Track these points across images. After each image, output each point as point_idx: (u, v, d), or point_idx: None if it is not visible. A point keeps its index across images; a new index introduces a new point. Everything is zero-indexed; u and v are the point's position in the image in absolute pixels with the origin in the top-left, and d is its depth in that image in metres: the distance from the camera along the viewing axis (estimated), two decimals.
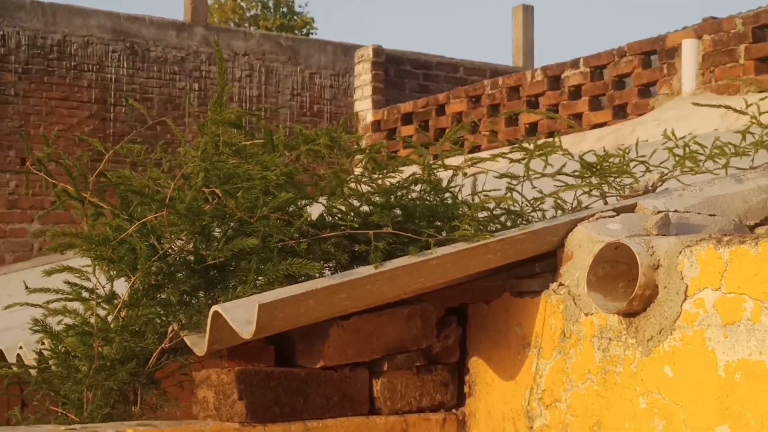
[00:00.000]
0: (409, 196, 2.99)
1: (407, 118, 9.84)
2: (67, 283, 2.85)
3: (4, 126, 13.58)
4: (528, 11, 15.51)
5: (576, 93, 8.39)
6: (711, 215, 2.84)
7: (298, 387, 2.70)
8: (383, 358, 2.83)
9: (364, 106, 10.36)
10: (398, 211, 2.94)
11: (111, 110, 14.25)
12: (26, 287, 6.84)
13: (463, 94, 9.32)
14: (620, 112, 8.10)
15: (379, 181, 2.96)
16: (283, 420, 2.66)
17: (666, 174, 3.15)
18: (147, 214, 2.76)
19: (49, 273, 2.82)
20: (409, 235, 2.74)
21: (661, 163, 3.29)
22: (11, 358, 3.56)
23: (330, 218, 2.86)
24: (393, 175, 2.99)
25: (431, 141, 2.94)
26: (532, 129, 8.66)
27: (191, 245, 2.81)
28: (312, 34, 22.83)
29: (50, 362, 2.79)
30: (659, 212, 2.78)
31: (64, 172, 2.81)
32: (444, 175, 3.19)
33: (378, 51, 10.27)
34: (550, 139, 3.12)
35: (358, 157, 2.99)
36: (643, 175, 3.29)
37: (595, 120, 8.20)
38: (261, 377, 2.65)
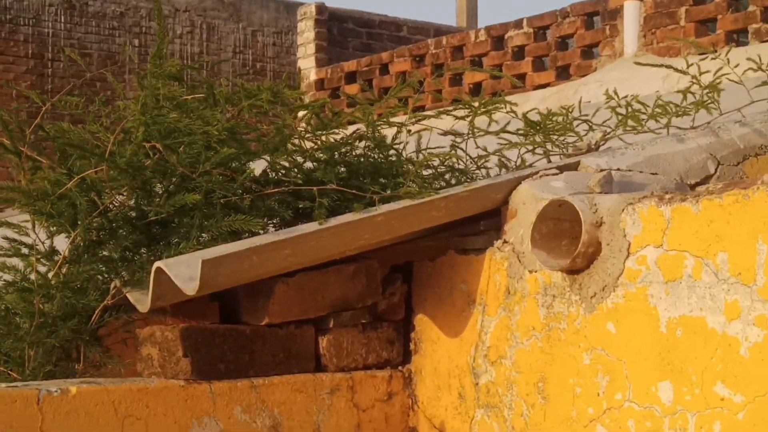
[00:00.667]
0: (354, 153, 2.97)
1: (351, 77, 9.79)
2: (6, 238, 2.80)
3: None
4: None
5: (519, 53, 8.40)
6: (653, 174, 2.87)
7: (243, 344, 2.69)
8: (329, 315, 2.82)
9: (307, 64, 10.27)
10: (342, 168, 2.93)
11: (49, 65, 13.98)
12: None
13: (407, 53, 9.28)
14: (563, 73, 8.12)
15: (323, 138, 2.93)
16: (229, 377, 2.65)
17: (609, 133, 3.17)
18: (87, 168, 2.71)
19: None
20: (354, 192, 2.74)
21: (604, 122, 3.31)
22: None
23: (274, 174, 2.84)
24: (337, 132, 2.97)
25: (375, 99, 2.92)
26: (476, 89, 8.67)
27: (132, 201, 2.77)
28: None
29: None
30: (602, 170, 2.79)
31: (0, 125, 2.75)
32: (389, 132, 3.18)
33: (321, 8, 10.18)
34: (505, 101, 3.13)
35: (302, 113, 2.97)
36: (586, 134, 3.30)
37: (539, 81, 8.22)
38: (206, 334, 2.63)
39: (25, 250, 2.82)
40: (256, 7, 15.52)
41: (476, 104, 3.13)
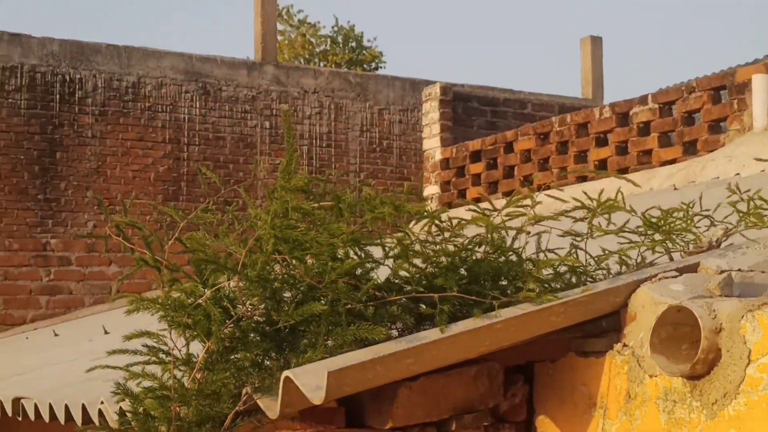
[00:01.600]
0: (474, 257, 3.05)
1: (476, 156, 9.90)
2: (145, 346, 2.96)
3: (82, 167, 13.94)
4: (596, 42, 15.50)
5: (645, 129, 8.37)
6: None
7: None
8: (451, 417, 2.88)
9: (432, 144, 10.44)
10: (463, 272, 3.00)
11: (185, 150, 14.55)
12: (105, 332, 7.00)
13: (531, 131, 9.35)
14: (690, 149, 8.05)
15: (444, 243, 3.02)
16: None
17: (730, 229, 3.17)
18: (220, 279, 2.86)
19: (128, 338, 2.93)
20: (474, 297, 2.80)
21: (726, 217, 3.30)
22: (93, 413, 3.68)
23: (396, 281, 2.93)
24: (457, 235, 3.05)
25: (494, 208, 3.00)
26: (602, 164, 8.65)
27: (263, 309, 2.90)
28: (381, 68, 23.04)
29: (131, 423, 2.89)
30: (722, 272, 2.80)
31: (142, 240, 2.93)
32: (509, 230, 3.23)
33: (445, 89, 10.36)
34: (620, 179, 3.13)
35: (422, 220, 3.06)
36: (707, 229, 3.30)
37: (665, 157, 8.16)
38: None
39: (163, 356, 2.97)
40: (382, 86, 15.86)
41: (595, 204, 3.17)
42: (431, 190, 10.17)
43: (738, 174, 7.12)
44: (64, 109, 13.90)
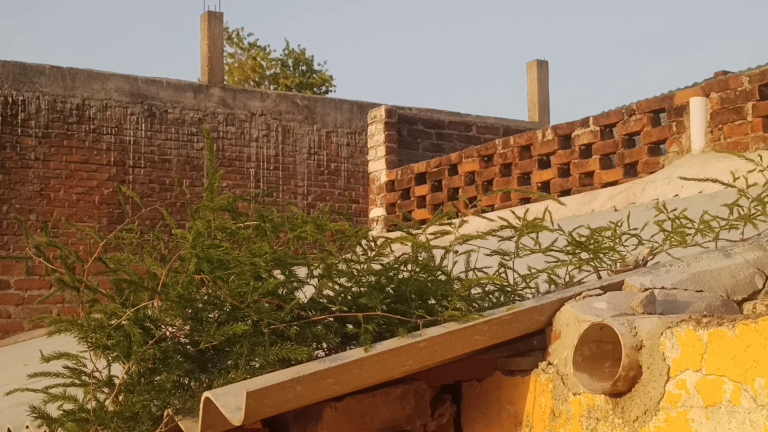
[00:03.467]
0: (401, 276, 3.03)
1: (421, 178, 9.92)
2: (66, 368, 2.91)
3: (25, 190, 13.77)
4: (542, 66, 15.66)
5: (587, 151, 8.45)
6: (698, 291, 2.87)
7: None
8: None
9: (378, 166, 10.45)
10: (390, 291, 2.98)
11: (130, 172, 14.43)
12: (42, 356, 6.88)
13: (476, 153, 9.39)
14: (631, 170, 8.13)
15: (370, 262, 3.00)
16: None
17: (656, 248, 3.19)
18: (141, 300, 2.82)
19: (47, 359, 2.87)
20: (398, 317, 2.79)
21: (653, 236, 3.32)
22: None
23: (321, 300, 2.91)
24: (383, 254, 3.04)
25: (418, 228, 2.99)
26: (545, 186, 8.70)
27: (186, 329, 2.86)
28: (331, 91, 23.08)
29: None
30: (646, 289, 2.81)
31: (60, 260, 2.88)
32: (438, 249, 3.23)
33: (390, 111, 10.38)
34: (563, 198, 3.15)
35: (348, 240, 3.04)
36: (635, 248, 3.32)
37: (607, 178, 8.24)
38: None
39: (85, 378, 2.91)
40: (329, 109, 15.87)
41: (520, 224, 3.17)
42: (377, 212, 10.16)
43: (676, 195, 7.19)
44: (6, 131, 13.73)
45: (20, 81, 13.96)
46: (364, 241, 3.11)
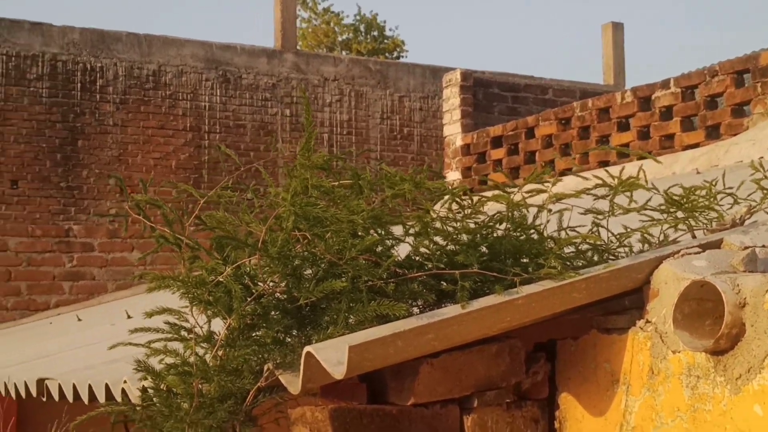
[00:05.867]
0: (495, 234, 3.04)
1: (496, 142, 9.87)
2: (167, 323, 2.97)
3: (104, 155, 14.01)
4: (618, 29, 15.43)
5: (667, 114, 8.32)
6: None
7: (390, 424, 2.77)
8: (473, 394, 2.88)
9: (453, 130, 10.42)
10: (484, 249, 2.99)
11: (205, 137, 14.59)
12: (128, 316, 7.06)
13: (553, 116, 9.31)
14: (713, 133, 8.00)
15: (465, 221, 3.01)
16: None
17: (754, 207, 3.14)
18: (241, 256, 2.87)
19: (149, 315, 2.94)
20: (495, 274, 2.79)
21: (750, 194, 3.28)
22: (116, 392, 3.69)
23: (417, 258, 2.93)
24: (479, 212, 3.04)
25: (514, 184, 2.99)
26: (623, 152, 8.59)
27: (283, 286, 2.90)
28: (402, 56, 23.03)
29: (153, 400, 2.90)
30: (746, 248, 2.78)
31: (162, 217, 2.93)
32: (531, 207, 3.23)
33: (466, 75, 10.33)
34: (642, 161, 3.11)
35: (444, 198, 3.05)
36: (730, 207, 3.28)
37: (688, 141, 8.11)
38: (354, 415, 2.72)
39: (184, 334, 2.98)
40: (402, 74, 15.85)
41: (615, 182, 3.15)
42: (452, 176, 10.14)
43: (762, 158, 7.06)
44: (85, 97, 13.96)
45: (98, 48, 14.16)
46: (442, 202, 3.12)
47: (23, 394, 5.00)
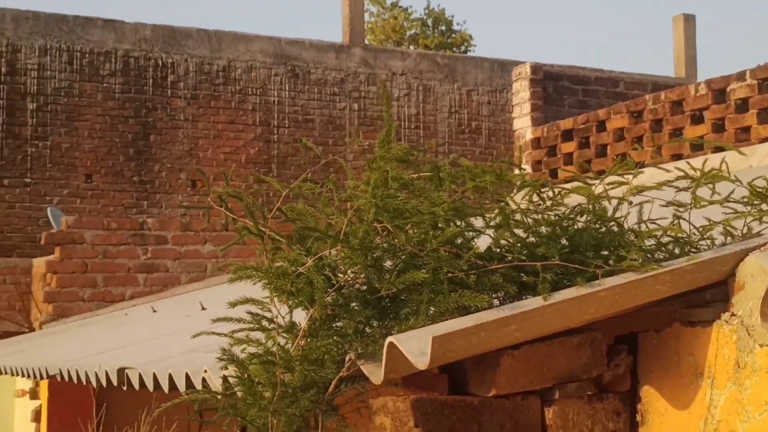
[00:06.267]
0: (575, 226, 3.03)
1: (567, 135, 9.80)
2: (249, 313, 3.01)
3: (175, 150, 14.21)
4: (689, 21, 15.22)
5: (743, 106, 8.18)
6: None
7: (471, 415, 2.78)
8: (554, 386, 2.87)
9: (522, 123, 10.37)
10: (564, 242, 2.98)
11: (275, 132, 14.72)
12: (202, 308, 7.14)
13: (624, 109, 9.22)
14: None
15: (545, 214, 3.01)
16: None
17: None
18: (322, 248, 2.90)
19: (233, 305, 2.98)
20: (576, 266, 2.79)
21: None
22: (197, 381, 3.75)
23: (497, 250, 2.93)
24: (559, 204, 3.04)
25: (595, 175, 2.97)
26: (698, 144, 8.48)
27: (363, 277, 2.93)
28: (470, 51, 22.97)
29: (236, 389, 2.94)
30: None
31: (244, 208, 2.97)
32: (611, 199, 3.20)
33: (536, 68, 10.27)
34: (719, 154, 3.09)
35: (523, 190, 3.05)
36: None
37: (765, 133, 7.97)
38: (435, 405, 2.74)
39: (265, 324, 3.01)
40: (470, 67, 15.81)
41: (697, 173, 3.12)
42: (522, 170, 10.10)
43: None
44: (157, 92, 14.17)
45: (169, 44, 14.35)
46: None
47: (104, 382, 5.10)
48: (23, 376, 7.23)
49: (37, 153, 13.43)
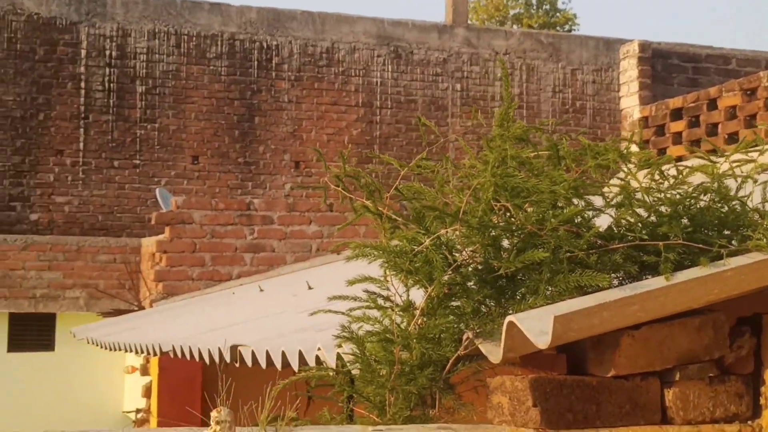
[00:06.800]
0: (697, 206, 2.97)
1: (676, 114, 9.60)
2: (366, 291, 3.03)
3: (280, 131, 14.38)
4: None
5: None
6: None
7: (590, 395, 2.76)
8: (675, 368, 2.83)
9: (630, 102, 10.20)
10: (686, 221, 2.93)
11: (377, 113, 14.78)
12: (309, 287, 7.23)
13: (737, 87, 8.98)
14: None
15: (668, 192, 2.96)
16: (576, 427, 2.72)
17: None
18: (440, 227, 2.90)
19: (351, 282, 3.01)
20: (700, 246, 2.74)
21: None
22: (309, 358, 3.80)
23: (618, 229, 2.89)
24: (682, 183, 2.98)
25: (720, 151, 2.91)
26: None
27: (481, 256, 2.92)
28: (574, 30, 22.67)
29: (354, 366, 2.97)
30: None
31: (361, 187, 2.99)
32: (731, 180, 3.14)
33: (644, 46, 10.09)
34: None
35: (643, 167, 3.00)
36: None
37: None
38: (554, 385, 2.72)
39: (381, 302, 3.03)
40: (574, 46, 15.61)
41: None
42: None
43: None
44: (261, 75, 14.34)
45: (273, 26, 14.50)
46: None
47: (216, 360, 5.20)
48: (136, 352, 7.41)
49: (145, 135, 13.73)
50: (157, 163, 13.80)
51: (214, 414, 2.17)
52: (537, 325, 2.53)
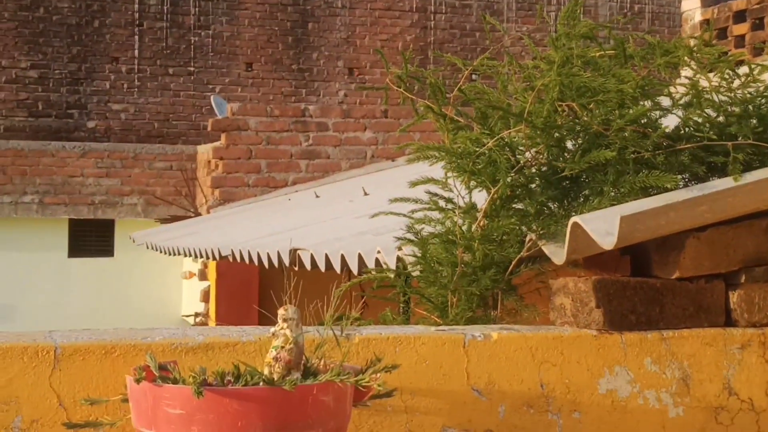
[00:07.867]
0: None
1: (739, 16, 9.35)
2: (428, 192, 3.02)
3: (333, 38, 14.28)
4: None
5: None
6: None
7: (653, 297, 2.74)
8: (740, 270, 2.80)
9: (691, 5, 9.94)
10: (755, 122, 2.87)
11: (431, 18, 14.59)
12: (365, 193, 7.25)
13: None
14: None
15: (736, 92, 2.89)
16: (639, 329, 2.71)
17: None
18: (504, 127, 2.87)
19: (413, 184, 3.00)
20: None
21: None
22: (369, 261, 3.82)
23: (685, 130, 2.84)
24: (754, 81, 2.91)
25: None
26: None
27: (545, 157, 2.89)
28: None
29: (416, 267, 2.98)
30: None
31: (428, 89, 2.96)
32: None
33: None
34: None
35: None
36: None
37: None
38: (618, 286, 2.71)
39: (442, 204, 3.02)
40: None
41: None
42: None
43: None
44: None
45: None
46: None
47: (276, 263, 5.26)
48: (196, 257, 7.52)
49: (199, 42, 13.72)
50: (212, 71, 13.81)
51: (281, 311, 2.19)
52: (602, 226, 2.51)
